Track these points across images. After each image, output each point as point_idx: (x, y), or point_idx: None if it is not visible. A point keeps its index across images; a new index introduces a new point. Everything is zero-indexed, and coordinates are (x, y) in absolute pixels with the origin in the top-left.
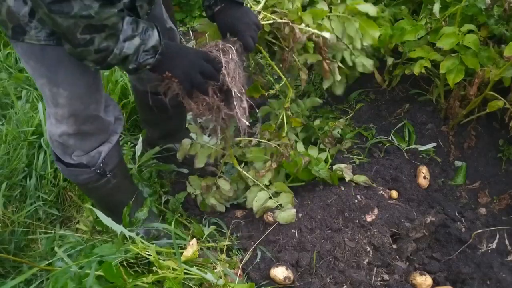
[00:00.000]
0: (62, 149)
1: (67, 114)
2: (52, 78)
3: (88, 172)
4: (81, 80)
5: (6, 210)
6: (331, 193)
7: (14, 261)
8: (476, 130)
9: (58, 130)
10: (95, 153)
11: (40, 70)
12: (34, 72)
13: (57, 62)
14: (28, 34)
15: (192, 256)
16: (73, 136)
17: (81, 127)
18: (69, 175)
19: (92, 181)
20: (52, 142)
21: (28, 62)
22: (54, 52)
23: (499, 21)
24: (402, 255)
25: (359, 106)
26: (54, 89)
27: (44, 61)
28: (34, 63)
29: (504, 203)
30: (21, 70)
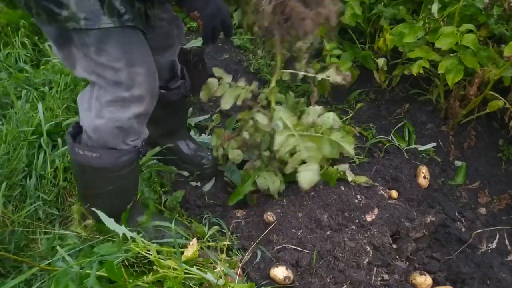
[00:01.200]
0: (121, 136)
1: (144, 92)
2: (129, 58)
3: (130, 151)
4: (150, 56)
5: (6, 210)
6: (331, 193)
7: (14, 261)
8: (476, 130)
9: (127, 113)
10: (144, 135)
11: (117, 53)
12: (111, 57)
13: (129, 42)
14: (103, 19)
15: (193, 256)
16: (140, 117)
17: (151, 105)
18: (106, 159)
19: (129, 163)
20: (108, 131)
21: (104, 49)
22: (126, 32)
23: (499, 21)
24: (402, 255)
25: (359, 106)
26: (132, 69)
27: (120, 42)
28: (110, 46)
29: (504, 203)
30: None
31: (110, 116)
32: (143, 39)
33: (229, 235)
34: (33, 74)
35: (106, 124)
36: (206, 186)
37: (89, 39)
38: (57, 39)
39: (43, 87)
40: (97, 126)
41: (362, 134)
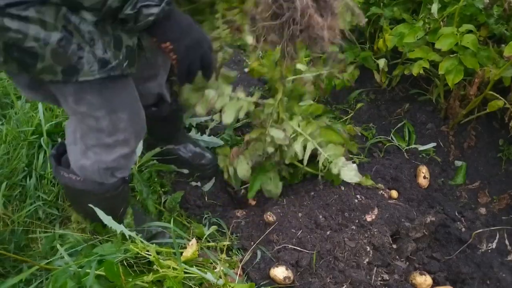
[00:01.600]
0: (109, 174)
1: (128, 135)
2: (110, 105)
3: (118, 181)
4: (133, 98)
5: (6, 209)
6: (331, 193)
7: (15, 261)
8: (476, 130)
9: (112, 156)
10: (133, 162)
11: (98, 102)
12: (91, 107)
13: (111, 89)
14: (82, 72)
15: (192, 256)
16: (127, 156)
17: (137, 143)
18: (88, 184)
19: (114, 188)
20: (96, 171)
21: (84, 99)
22: (108, 81)
23: (499, 21)
24: (402, 255)
25: (359, 106)
26: (114, 116)
27: (101, 91)
28: (91, 97)
29: (504, 203)
30: None
31: (96, 159)
32: (127, 82)
33: (229, 235)
34: None
35: (92, 166)
36: (206, 186)
37: (67, 89)
38: (30, 86)
39: None
40: (83, 166)
41: (362, 134)
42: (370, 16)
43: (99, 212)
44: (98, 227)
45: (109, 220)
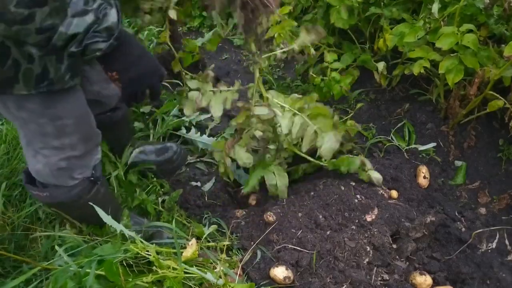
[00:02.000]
0: (65, 175)
1: (75, 140)
2: (52, 113)
3: (82, 183)
4: (80, 104)
5: (6, 210)
6: (331, 192)
7: (15, 261)
8: (476, 130)
9: (61, 156)
10: (93, 162)
11: (39, 111)
12: (31, 116)
13: (52, 98)
14: (17, 86)
15: (192, 256)
16: (80, 157)
17: (88, 146)
18: (57, 196)
19: (84, 193)
20: (49, 173)
21: (25, 106)
22: (47, 93)
23: (499, 21)
24: (402, 254)
25: (359, 105)
26: (58, 122)
27: (42, 101)
28: (32, 105)
29: (504, 203)
30: None
31: (45, 161)
32: (72, 90)
33: (229, 235)
34: None
35: (43, 168)
36: (206, 186)
37: (7, 96)
38: None
39: None
40: (37, 170)
41: (362, 134)
42: (370, 16)
43: (100, 212)
44: (95, 229)
45: (110, 220)
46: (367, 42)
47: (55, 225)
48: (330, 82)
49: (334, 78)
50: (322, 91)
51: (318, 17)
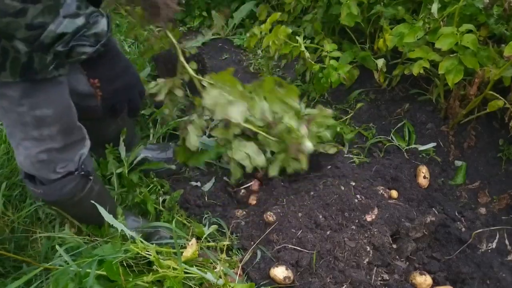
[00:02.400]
0: (46, 168)
1: (55, 131)
2: (32, 102)
3: (73, 178)
4: (62, 94)
5: (6, 210)
6: (331, 193)
7: (15, 261)
8: (476, 130)
9: (41, 147)
10: (77, 157)
11: (19, 99)
12: (11, 105)
13: (33, 87)
14: (3, 74)
15: (192, 256)
16: (61, 150)
17: (68, 139)
18: (51, 194)
19: (78, 190)
20: (31, 166)
21: (6, 94)
22: (30, 81)
23: (499, 21)
24: (402, 254)
25: (359, 105)
26: (38, 111)
27: (24, 90)
28: (13, 93)
29: (504, 203)
30: None
31: (26, 153)
32: (55, 81)
33: (229, 235)
34: None
35: (25, 160)
36: (206, 186)
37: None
38: None
39: None
40: (20, 162)
41: (362, 134)
42: (370, 16)
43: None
44: (95, 229)
45: (111, 218)
46: (367, 42)
47: (55, 225)
48: (328, 70)
49: (332, 65)
50: (320, 82)
51: (318, 17)
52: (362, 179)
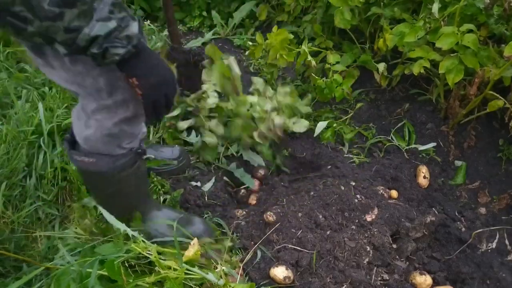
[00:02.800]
0: (114, 142)
1: (128, 95)
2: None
3: (128, 154)
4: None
5: (6, 209)
6: (331, 192)
7: (15, 260)
8: (476, 130)
9: (113, 119)
10: (140, 133)
11: (90, 62)
12: (87, 64)
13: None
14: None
15: (194, 256)
16: (130, 120)
17: (138, 108)
18: (102, 165)
19: (128, 165)
20: (99, 140)
21: (78, 58)
22: None
23: (499, 21)
24: (402, 254)
25: (359, 105)
26: (111, 74)
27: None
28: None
29: (504, 203)
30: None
31: (97, 125)
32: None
33: (230, 235)
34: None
35: (94, 134)
36: (206, 186)
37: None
38: (33, 47)
39: (43, 87)
40: (87, 137)
41: (362, 134)
42: (370, 16)
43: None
44: (97, 227)
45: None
46: (367, 42)
47: (54, 225)
48: (332, 84)
49: (336, 80)
50: (323, 93)
51: (318, 17)
52: (362, 179)
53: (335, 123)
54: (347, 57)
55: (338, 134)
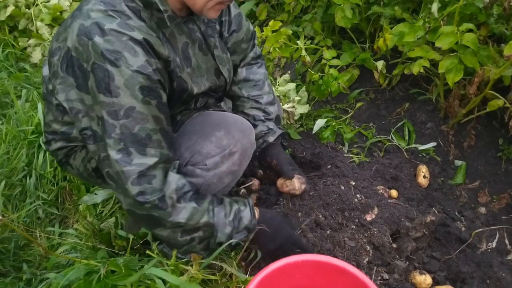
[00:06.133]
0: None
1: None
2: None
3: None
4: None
5: (6, 209)
6: (331, 192)
7: (14, 260)
8: (476, 129)
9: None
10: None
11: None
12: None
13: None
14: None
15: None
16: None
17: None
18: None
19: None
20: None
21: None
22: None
23: (498, 20)
24: (402, 254)
25: (359, 105)
26: (217, 133)
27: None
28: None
29: (504, 202)
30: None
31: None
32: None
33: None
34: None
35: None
36: None
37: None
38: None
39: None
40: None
41: (362, 133)
42: (370, 15)
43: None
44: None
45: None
46: (367, 42)
47: (54, 224)
48: (328, 79)
49: (332, 75)
50: (321, 89)
51: (318, 17)
52: (362, 179)
53: (335, 122)
54: (346, 56)
55: (338, 133)
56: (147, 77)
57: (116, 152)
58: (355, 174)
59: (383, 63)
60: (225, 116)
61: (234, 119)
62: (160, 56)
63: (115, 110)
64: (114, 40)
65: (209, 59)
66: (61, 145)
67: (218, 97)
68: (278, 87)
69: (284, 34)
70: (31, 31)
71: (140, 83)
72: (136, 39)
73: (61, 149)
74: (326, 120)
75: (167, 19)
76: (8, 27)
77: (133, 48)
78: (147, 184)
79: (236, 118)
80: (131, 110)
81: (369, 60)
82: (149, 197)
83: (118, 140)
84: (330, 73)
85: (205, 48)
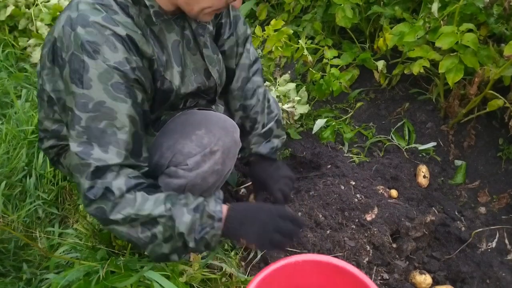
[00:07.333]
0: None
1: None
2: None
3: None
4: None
5: (6, 209)
6: (331, 192)
7: (14, 260)
8: (476, 129)
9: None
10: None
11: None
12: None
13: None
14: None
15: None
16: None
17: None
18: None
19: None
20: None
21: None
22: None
23: (499, 20)
24: (402, 254)
25: (359, 105)
26: (198, 131)
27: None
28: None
29: (504, 202)
30: (21, 69)
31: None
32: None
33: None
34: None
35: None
36: None
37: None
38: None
39: None
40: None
41: (362, 133)
42: (370, 15)
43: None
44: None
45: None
46: (367, 42)
47: (54, 224)
48: (329, 78)
49: (333, 74)
50: (322, 89)
51: (318, 16)
52: (362, 179)
53: (335, 122)
54: (347, 56)
55: (338, 133)
56: (123, 75)
57: (77, 144)
58: (355, 174)
59: (383, 63)
60: (208, 114)
61: (216, 117)
62: (143, 54)
63: (84, 102)
64: (96, 33)
65: (198, 59)
66: (52, 144)
67: (210, 99)
68: (278, 87)
69: (285, 33)
70: (31, 31)
71: (114, 79)
72: (119, 34)
73: (52, 147)
74: (326, 120)
75: (153, 15)
76: (8, 27)
77: (114, 44)
78: (98, 179)
79: (219, 116)
80: (101, 105)
81: (369, 60)
82: (96, 190)
83: (82, 132)
84: (331, 73)
85: (193, 46)
